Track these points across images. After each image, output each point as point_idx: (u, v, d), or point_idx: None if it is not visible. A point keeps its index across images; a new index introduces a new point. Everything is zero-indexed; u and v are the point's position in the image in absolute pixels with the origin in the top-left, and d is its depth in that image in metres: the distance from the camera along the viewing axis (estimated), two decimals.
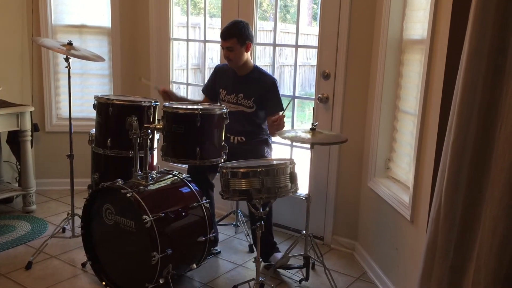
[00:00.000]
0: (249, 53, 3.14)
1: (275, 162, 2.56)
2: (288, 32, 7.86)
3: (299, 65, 7.90)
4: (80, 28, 4.24)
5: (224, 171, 2.47)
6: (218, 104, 3.28)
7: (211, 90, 3.35)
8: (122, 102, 2.90)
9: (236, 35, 3.04)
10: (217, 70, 3.36)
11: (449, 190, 1.73)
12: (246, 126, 3.16)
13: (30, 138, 3.77)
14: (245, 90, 3.16)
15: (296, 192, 2.60)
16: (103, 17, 4.25)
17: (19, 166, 3.93)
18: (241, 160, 2.74)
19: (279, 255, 3.07)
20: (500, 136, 1.58)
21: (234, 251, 3.30)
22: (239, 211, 3.54)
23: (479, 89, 1.64)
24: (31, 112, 3.76)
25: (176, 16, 4.32)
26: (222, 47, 3.12)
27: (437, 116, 2.21)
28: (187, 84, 4.24)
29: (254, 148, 3.13)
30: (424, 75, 2.33)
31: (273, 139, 3.50)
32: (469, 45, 1.63)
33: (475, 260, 1.66)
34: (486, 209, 1.63)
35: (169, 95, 3.31)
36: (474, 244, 1.69)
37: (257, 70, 3.21)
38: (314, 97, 3.43)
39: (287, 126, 3.10)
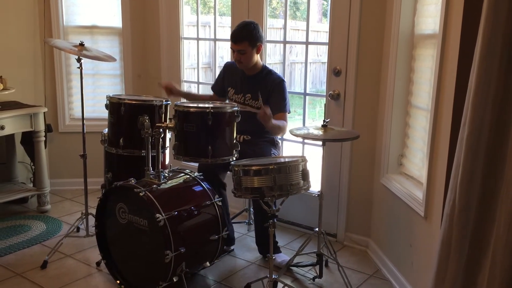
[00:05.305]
0: (259, 54, 3.13)
1: (287, 160, 2.55)
2: (298, 29, 7.84)
3: (310, 62, 7.85)
4: (91, 29, 4.26)
5: (236, 169, 2.47)
6: (227, 101, 3.28)
7: (220, 87, 3.35)
8: (133, 102, 2.92)
9: (248, 37, 3.01)
10: (226, 68, 3.35)
11: (464, 185, 1.71)
12: (252, 125, 3.14)
13: (43, 138, 3.81)
14: (252, 90, 3.14)
15: (309, 190, 2.59)
16: (113, 17, 4.28)
17: (33, 167, 3.98)
18: (251, 158, 2.74)
19: (281, 257, 3.08)
20: None
21: (247, 249, 3.30)
22: (251, 209, 3.55)
23: (493, 83, 1.62)
24: (44, 113, 3.80)
25: (186, 15, 4.33)
26: (233, 49, 3.08)
27: (450, 111, 2.18)
28: (198, 83, 4.25)
29: (260, 148, 3.10)
30: (437, 70, 2.31)
31: (285, 136, 3.50)
32: (483, 39, 1.61)
33: (490, 256, 1.65)
34: (502, 205, 1.62)
35: (171, 91, 3.24)
36: (489, 240, 1.67)
37: (265, 70, 3.18)
38: (325, 94, 3.42)
39: (298, 124, 3.09)
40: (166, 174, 2.77)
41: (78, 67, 3.10)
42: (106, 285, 2.82)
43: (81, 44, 3.11)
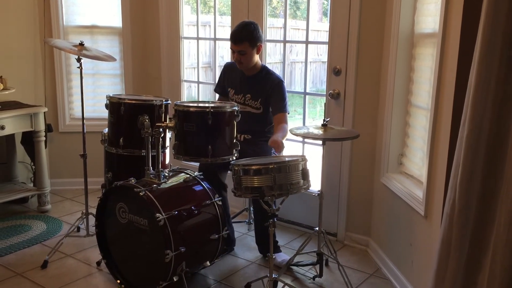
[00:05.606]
0: (259, 54, 3.13)
1: (287, 159, 2.55)
2: (298, 29, 7.84)
3: (310, 62, 7.85)
4: (91, 29, 4.26)
5: (236, 168, 2.46)
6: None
7: (222, 88, 3.35)
8: (133, 102, 2.92)
9: (248, 38, 3.00)
10: (226, 68, 3.34)
11: (464, 184, 1.71)
12: (253, 125, 3.14)
13: (44, 138, 3.81)
14: (252, 90, 3.14)
15: (309, 189, 2.59)
16: (113, 17, 4.28)
17: (33, 167, 3.98)
18: (251, 157, 2.74)
19: (281, 256, 3.08)
20: None
21: (248, 248, 3.30)
22: (251, 209, 3.54)
23: (492, 82, 1.62)
24: (44, 112, 3.80)
25: (186, 14, 4.33)
26: (233, 50, 3.08)
27: (450, 110, 2.18)
28: (198, 82, 4.25)
29: (260, 147, 3.10)
30: (437, 69, 2.31)
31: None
32: (482, 38, 1.61)
33: (490, 256, 1.64)
34: (502, 204, 1.61)
35: None
36: (489, 239, 1.67)
37: (264, 70, 3.18)
38: (325, 93, 3.42)
39: (299, 123, 3.09)
40: (166, 174, 2.77)
41: (78, 67, 3.10)
42: (107, 285, 2.82)
43: (81, 44, 3.11)
